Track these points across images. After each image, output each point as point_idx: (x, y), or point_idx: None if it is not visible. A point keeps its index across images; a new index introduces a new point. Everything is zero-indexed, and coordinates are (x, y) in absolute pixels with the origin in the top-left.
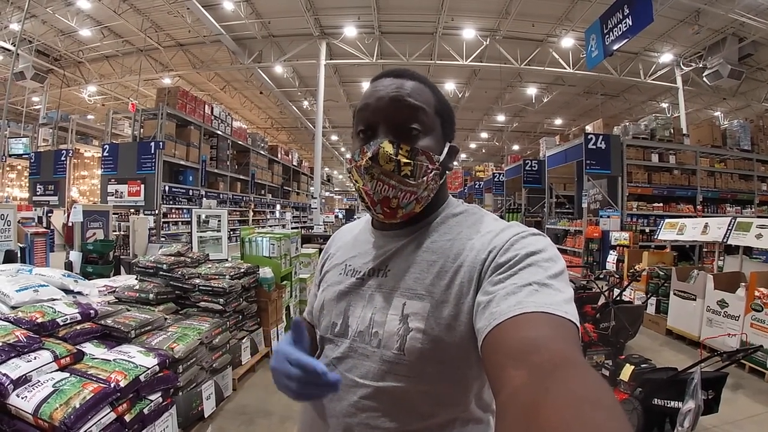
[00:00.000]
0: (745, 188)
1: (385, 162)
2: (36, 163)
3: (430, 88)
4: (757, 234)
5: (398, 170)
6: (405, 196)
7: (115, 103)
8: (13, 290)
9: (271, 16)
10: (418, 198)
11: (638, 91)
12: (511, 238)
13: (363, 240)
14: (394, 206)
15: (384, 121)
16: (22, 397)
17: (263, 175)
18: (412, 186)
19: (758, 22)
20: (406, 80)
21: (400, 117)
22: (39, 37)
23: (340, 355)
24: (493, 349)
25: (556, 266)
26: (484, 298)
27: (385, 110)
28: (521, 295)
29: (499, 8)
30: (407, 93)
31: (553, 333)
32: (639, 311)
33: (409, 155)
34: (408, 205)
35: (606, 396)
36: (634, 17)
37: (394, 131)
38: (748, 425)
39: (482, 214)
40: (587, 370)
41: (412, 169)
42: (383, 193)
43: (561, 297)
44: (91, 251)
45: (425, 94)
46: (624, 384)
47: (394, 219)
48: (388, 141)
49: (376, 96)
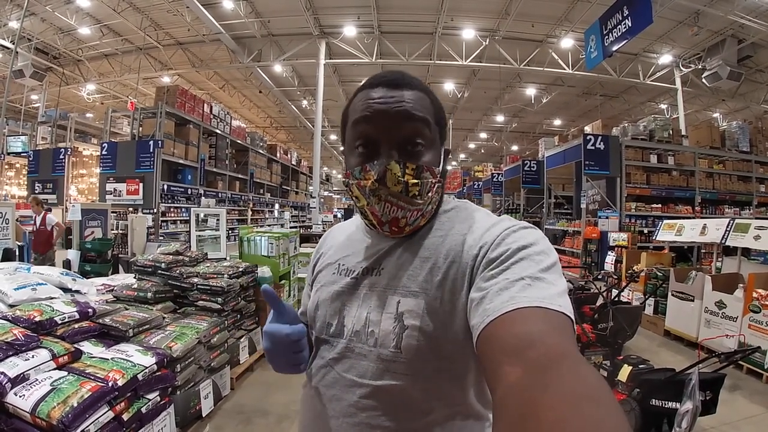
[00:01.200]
0: (744, 189)
1: (393, 184)
2: (34, 162)
3: (427, 94)
4: (755, 235)
5: (406, 191)
6: (413, 214)
7: (114, 101)
8: (11, 288)
9: (270, 15)
10: (424, 213)
11: (637, 92)
12: (502, 233)
13: (356, 239)
14: (402, 225)
15: (387, 137)
16: (19, 395)
17: (262, 175)
18: (419, 205)
19: (758, 23)
20: (405, 90)
21: (406, 134)
22: (38, 35)
23: (336, 356)
24: (488, 346)
25: (548, 259)
26: (477, 295)
27: (388, 126)
28: (514, 290)
29: (499, 8)
30: (411, 107)
31: (547, 327)
32: (637, 312)
33: (415, 174)
34: (415, 221)
35: (602, 391)
36: (633, 18)
37: (399, 149)
38: (746, 426)
39: (473, 209)
40: (583, 365)
41: (419, 189)
42: (392, 214)
43: (554, 290)
44: (90, 250)
45: (425, 104)
46: (622, 385)
47: (401, 234)
48: (394, 161)
49: (375, 109)
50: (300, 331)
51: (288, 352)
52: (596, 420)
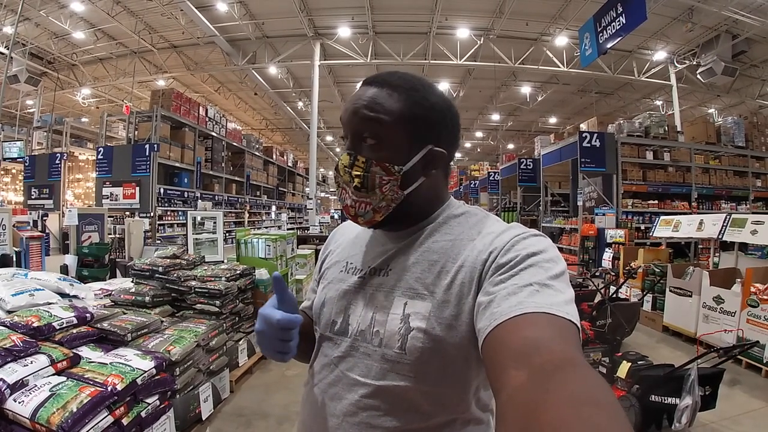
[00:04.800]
0: (740, 185)
1: (342, 173)
2: (30, 167)
3: (402, 91)
4: (752, 230)
5: (351, 181)
6: (360, 206)
7: (110, 105)
8: (9, 294)
9: (264, 17)
10: (375, 208)
11: (632, 89)
12: (512, 239)
13: (364, 238)
14: (353, 214)
15: (349, 131)
16: (19, 401)
17: (258, 177)
18: (364, 197)
19: (751, 19)
20: (373, 88)
21: (356, 129)
22: (32, 40)
23: (341, 354)
24: (494, 350)
25: (557, 267)
26: (485, 299)
27: (348, 122)
28: (522, 295)
29: (493, 7)
30: (363, 104)
31: (553, 334)
32: (635, 308)
33: (364, 167)
34: (365, 214)
35: (607, 397)
36: (627, 15)
37: (353, 143)
38: (746, 421)
39: (484, 215)
40: (588, 371)
41: (362, 181)
42: (345, 200)
43: (562, 298)
44: (87, 254)
45: (386, 101)
46: (621, 381)
47: (358, 223)
48: (346, 153)
49: (345, 106)
50: (291, 320)
51: (276, 337)
52: (598, 425)
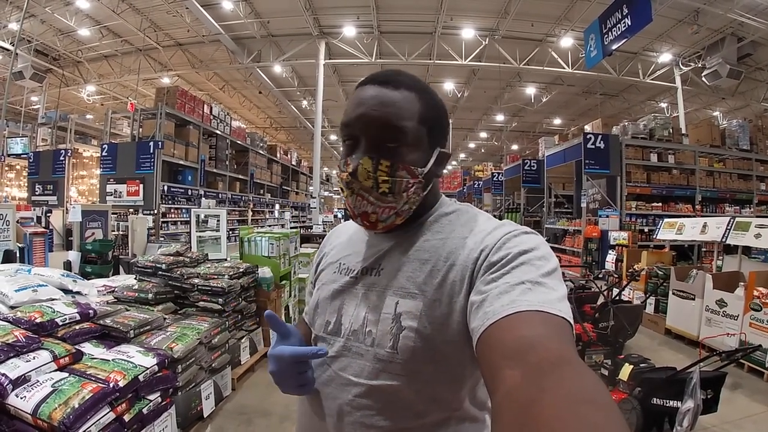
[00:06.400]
0: (744, 188)
1: (364, 179)
2: (35, 163)
3: (417, 93)
4: (756, 234)
5: (376, 187)
6: (384, 211)
7: (114, 102)
8: (12, 290)
9: (270, 15)
10: (398, 212)
11: (637, 91)
12: (503, 237)
13: (357, 239)
14: (374, 220)
15: (365, 135)
16: (21, 397)
17: (262, 175)
18: (390, 202)
19: (757, 21)
20: (389, 90)
21: (379, 133)
22: (38, 37)
23: (334, 354)
24: (488, 349)
25: (549, 264)
26: (477, 298)
27: (365, 125)
28: (514, 293)
29: (499, 8)
30: (386, 107)
31: (547, 332)
32: (638, 311)
33: (389, 171)
34: (387, 219)
35: (602, 395)
36: (633, 17)
37: (374, 147)
38: (747, 425)
39: (474, 212)
40: (583, 369)
41: (390, 186)
42: (362, 208)
43: (554, 295)
44: (90, 251)
45: (408, 105)
46: (623, 383)
47: (375, 230)
48: (367, 157)
49: (357, 108)
50: (302, 353)
51: (293, 372)
52: (595, 423)
